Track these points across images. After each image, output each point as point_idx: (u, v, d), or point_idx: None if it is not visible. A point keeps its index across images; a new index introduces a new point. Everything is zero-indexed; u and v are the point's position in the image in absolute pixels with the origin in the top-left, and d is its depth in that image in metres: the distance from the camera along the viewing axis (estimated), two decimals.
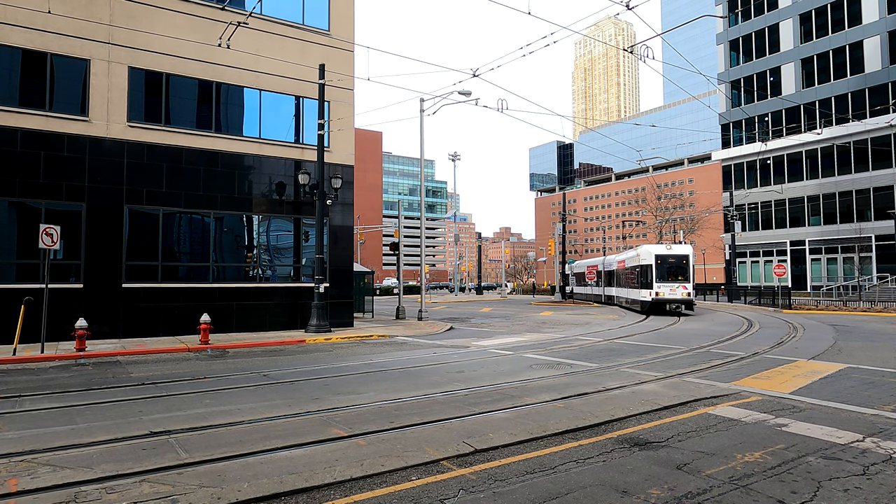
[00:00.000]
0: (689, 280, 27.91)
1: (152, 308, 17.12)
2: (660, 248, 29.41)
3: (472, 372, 11.31)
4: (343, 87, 20.70)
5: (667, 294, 27.74)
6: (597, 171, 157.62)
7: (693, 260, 28.60)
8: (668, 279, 28.00)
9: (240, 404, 8.35)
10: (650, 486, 5.03)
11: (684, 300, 27.83)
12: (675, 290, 27.65)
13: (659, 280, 27.99)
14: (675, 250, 28.80)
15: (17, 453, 5.92)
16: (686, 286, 27.79)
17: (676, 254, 28.59)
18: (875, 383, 9.94)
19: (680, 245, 29.83)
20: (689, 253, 28.58)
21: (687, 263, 28.18)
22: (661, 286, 27.84)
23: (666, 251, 28.94)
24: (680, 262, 28.27)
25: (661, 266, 28.25)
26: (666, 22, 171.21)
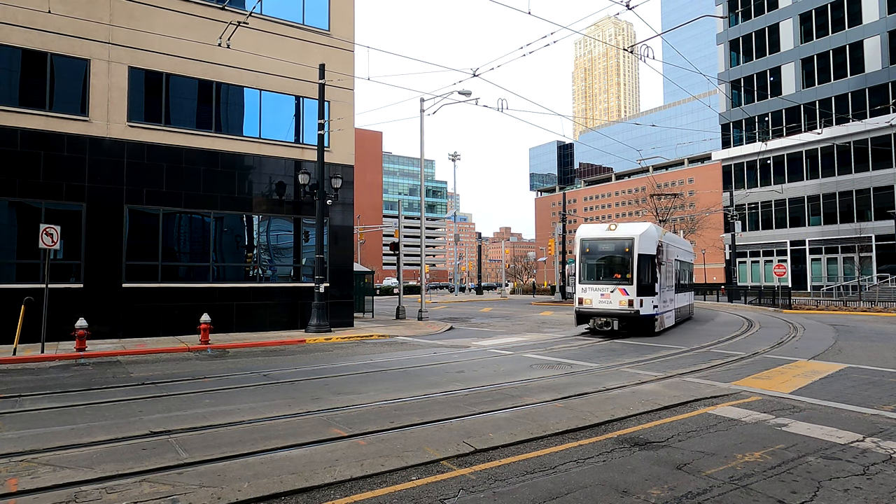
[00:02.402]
0: (633, 280, 17.16)
1: (152, 308, 17.11)
2: (592, 229, 19.07)
3: (473, 372, 11.31)
4: (343, 87, 20.70)
5: (595, 302, 17.65)
6: (597, 171, 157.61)
7: (656, 246, 18.00)
8: (598, 278, 18.02)
9: (240, 404, 8.35)
10: (650, 486, 5.03)
11: (622, 313, 17.19)
12: (607, 298, 17.42)
13: (585, 279, 18.16)
14: (614, 232, 18.00)
15: (17, 453, 5.92)
16: (627, 290, 17.17)
17: (615, 237, 17.84)
18: (875, 383, 9.94)
19: (629, 224, 18.28)
20: (634, 235, 17.44)
21: (631, 252, 17.32)
22: (588, 289, 17.87)
23: (598, 233, 18.46)
24: (619, 251, 17.69)
25: (590, 256, 18.26)
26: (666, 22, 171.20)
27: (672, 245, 21.18)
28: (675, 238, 23.42)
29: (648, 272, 17.62)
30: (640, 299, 17.23)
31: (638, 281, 17.24)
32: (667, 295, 19.57)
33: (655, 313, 17.84)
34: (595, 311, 17.82)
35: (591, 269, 18.30)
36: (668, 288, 19.81)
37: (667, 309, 19.56)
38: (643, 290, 17.36)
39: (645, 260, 17.50)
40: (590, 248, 18.41)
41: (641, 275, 17.36)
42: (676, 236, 25.01)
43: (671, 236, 22.11)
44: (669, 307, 20.10)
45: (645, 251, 17.51)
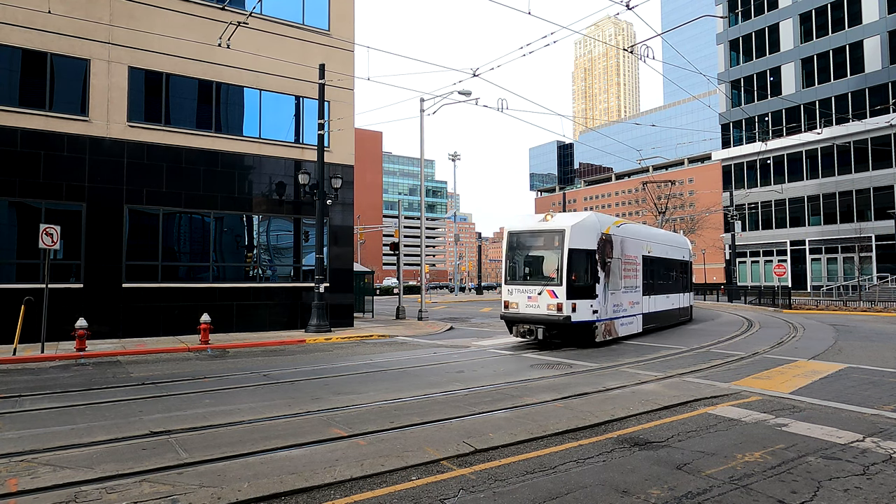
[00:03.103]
0: (561, 280, 14.40)
1: (152, 308, 17.11)
2: (523, 220, 16.26)
3: (472, 372, 11.31)
4: (343, 87, 20.70)
5: (522, 306, 15.02)
6: (597, 170, 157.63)
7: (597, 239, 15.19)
8: (525, 278, 15.44)
9: (240, 404, 8.35)
10: (650, 486, 5.03)
11: (549, 319, 14.49)
12: (534, 301, 14.77)
13: (511, 278, 15.59)
14: (546, 223, 15.27)
15: (17, 453, 5.92)
16: (556, 292, 14.40)
17: (544, 230, 15.17)
18: (875, 383, 9.94)
19: (566, 215, 15.57)
20: (565, 227, 14.68)
21: (561, 246, 14.53)
22: (514, 291, 15.30)
23: (528, 225, 15.78)
24: (548, 246, 15.01)
25: (517, 252, 15.72)
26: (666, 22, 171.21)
27: (636, 239, 18.08)
28: (649, 231, 20.37)
29: (585, 270, 14.80)
30: (572, 303, 14.30)
31: (568, 281, 14.34)
32: (622, 297, 16.61)
33: (595, 320, 14.91)
34: (521, 317, 15.00)
35: (517, 267, 15.66)
36: (627, 289, 16.94)
37: (621, 315, 16.47)
38: (576, 291, 14.49)
39: (579, 256, 14.67)
40: (517, 243, 15.72)
41: (573, 274, 14.50)
42: (654, 229, 21.76)
43: (636, 228, 18.94)
44: (628, 312, 16.99)
45: (579, 245, 14.69)
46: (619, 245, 16.57)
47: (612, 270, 15.97)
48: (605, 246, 15.60)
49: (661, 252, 20.46)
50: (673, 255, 22.00)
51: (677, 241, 23.49)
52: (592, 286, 14.92)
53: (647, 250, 18.80)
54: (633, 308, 17.44)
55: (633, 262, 17.59)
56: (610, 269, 15.86)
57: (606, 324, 15.61)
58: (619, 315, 16.40)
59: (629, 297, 17.20)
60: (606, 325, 15.61)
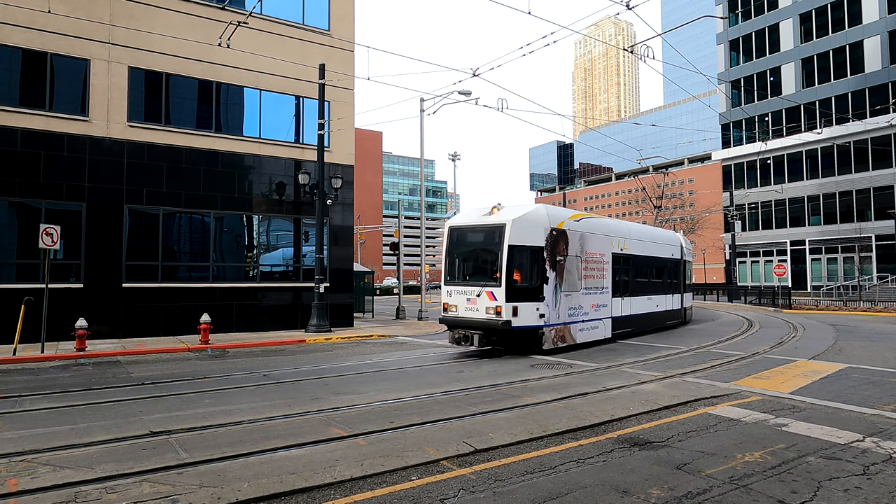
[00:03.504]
0: (500, 281, 12.90)
1: (152, 308, 17.11)
2: (467, 214, 14.82)
3: (472, 372, 11.31)
4: (343, 87, 20.70)
5: (461, 309, 13.52)
6: (597, 170, 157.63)
7: (545, 235, 13.63)
8: (464, 278, 14.01)
9: (240, 404, 8.35)
10: (650, 486, 5.03)
11: (487, 324, 13.00)
12: (473, 303, 13.28)
13: (450, 278, 14.13)
14: (489, 217, 13.71)
15: (17, 453, 5.92)
16: (495, 294, 12.96)
17: (485, 224, 13.66)
18: (875, 383, 9.94)
19: (513, 207, 13.99)
20: (506, 221, 13.17)
21: (501, 241, 13.03)
22: (453, 291, 13.81)
23: (470, 220, 14.28)
24: (489, 243, 13.49)
25: (457, 249, 14.24)
26: (666, 22, 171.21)
27: (602, 235, 16.24)
28: (623, 227, 18.26)
29: (530, 270, 13.29)
30: (513, 306, 12.84)
31: (509, 281, 12.85)
32: (583, 300, 15.02)
33: (543, 325, 13.42)
34: (459, 321, 13.46)
35: (457, 267, 14.17)
36: (589, 290, 15.35)
37: (579, 319, 14.85)
38: (518, 293, 13.01)
39: (522, 253, 13.18)
40: (457, 240, 14.20)
41: (515, 273, 13.03)
42: (632, 224, 19.70)
43: (603, 223, 16.96)
44: (590, 316, 15.39)
45: (522, 241, 13.14)
46: (578, 241, 14.96)
47: (566, 270, 14.34)
48: (556, 242, 14.01)
49: (641, 250, 18.68)
50: (659, 252, 20.15)
51: (665, 237, 21.50)
52: (539, 287, 13.42)
53: (619, 247, 17.12)
54: (597, 311, 15.77)
55: (599, 260, 15.94)
56: (564, 269, 14.26)
57: (558, 329, 14.03)
58: (576, 319, 14.75)
59: (592, 300, 15.54)
60: (558, 330, 14.04)
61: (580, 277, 15.03)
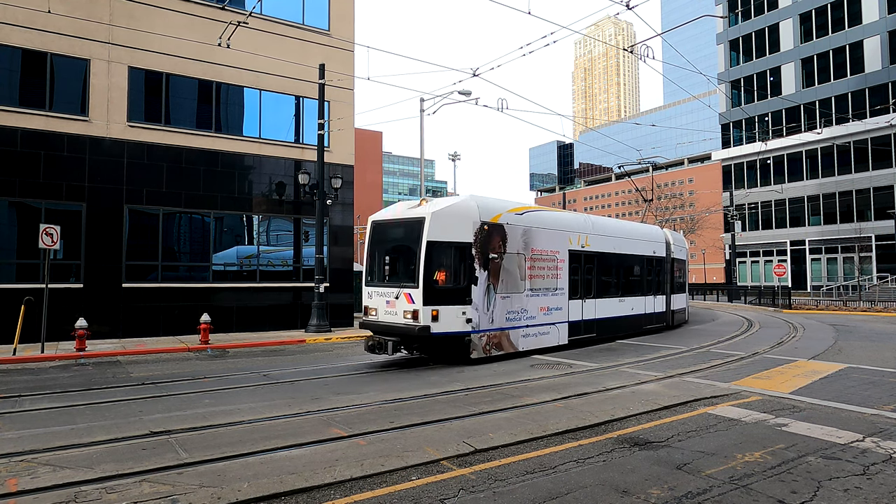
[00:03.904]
0: (418, 281, 11.58)
1: (152, 308, 17.11)
2: (393, 208, 13.34)
3: (472, 372, 11.31)
4: (343, 87, 20.70)
5: (381, 312, 12.39)
6: (597, 170, 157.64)
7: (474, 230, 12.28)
8: (384, 278, 12.91)
9: (240, 404, 8.35)
10: (650, 486, 5.03)
11: (404, 330, 11.76)
12: (392, 307, 12.07)
13: (370, 279, 13.12)
14: (412, 210, 12.46)
15: (17, 453, 5.92)
16: (412, 296, 11.68)
17: (405, 218, 12.46)
18: (875, 383, 9.94)
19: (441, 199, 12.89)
20: (426, 214, 11.90)
21: (419, 238, 11.70)
22: (373, 293, 12.73)
23: (394, 213, 12.99)
24: (408, 239, 12.25)
25: (378, 246, 13.17)
26: (666, 22, 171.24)
27: (555, 230, 14.79)
28: (587, 221, 16.56)
29: (455, 269, 12.01)
30: (433, 310, 11.52)
31: (427, 282, 11.50)
32: (528, 302, 13.63)
33: (470, 331, 12.06)
34: (379, 325, 12.29)
35: (377, 266, 13.03)
36: (537, 292, 13.94)
37: (523, 324, 13.45)
38: (440, 295, 11.71)
39: (444, 250, 11.91)
40: (378, 235, 13.06)
41: (436, 273, 11.79)
42: (600, 218, 17.82)
43: (556, 216, 15.44)
44: (538, 321, 13.96)
45: (444, 237, 11.82)
46: (521, 237, 13.55)
47: (504, 269, 12.97)
48: (489, 238, 12.58)
49: (612, 246, 17.11)
50: (635, 250, 18.44)
51: (644, 233, 19.58)
52: (465, 289, 12.05)
53: (578, 244, 15.57)
54: (548, 315, 14.33)
55: (550, 258, 14.48)
56: (500, 268, 12.86)
57: (492, 336, 12.65)
58: (518, 324, 13.35)
59: (541, 302, 14.10)
60: (491, 336, 12.64)
61: (524, 277, 13.61)
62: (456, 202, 12.43)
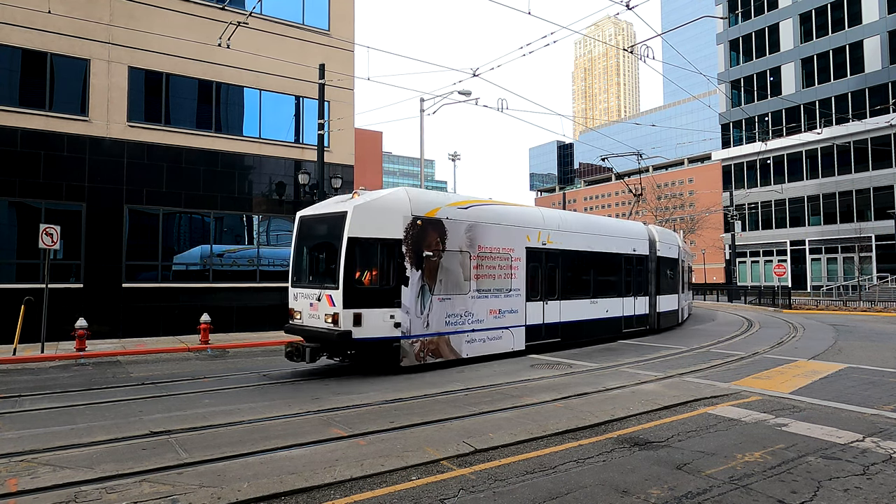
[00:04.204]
0: (338, 283, 10.60)
1: (152, 308, 17.11)
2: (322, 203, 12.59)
3: (472, 372, 11.31)
4: (343, 87, 20.70)
5: (305, 315, 11.34)
6: (597, 170, 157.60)
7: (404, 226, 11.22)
8: (308, 278, 11.81)
9: (240, 404, 8.35)
10: (650, 486, 5.03)
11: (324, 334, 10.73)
12: (315, 309, 11.07)
13: (297, 279, 11.98)
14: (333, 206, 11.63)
15: (17, 453, 5.92)
16: (333, 298, 10.68)
17: (327, 213, 11.62)
18: (875, 383, 9.94)
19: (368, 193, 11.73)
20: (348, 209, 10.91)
21: (341, 234, 10.71)
22: (298, 295, 11.68)
23: (319, 208, 12.16)
24: (330, 236, 11.29)
25: (303, 244, 12.07)
26: (666, 22, 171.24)
27: (509, 225, 13.66)
28: (552, 215, 15.41)
29: (382, 268, 11.02)
30: (355, 313, 10.52)
31: (348, 282, 10.52)
32: (475, 305, 12.52)
33: (400, 336, 11.02)
34: (302, 330, 11.23)
35: (302, 265, 11.99)
36: (486, 293, 12.80)
37: (467, 328, 12.32)
38: (364, 297, 10.75)
39: (369, 248, 10.94)
40: (304, 232, 11.99)
41: (359, 272, 10.80)
42: (565, 213, 16.60)
43: (511, 211, 14.04)
44: (488, 325, 12.82)
45: (368, 233, 10.82)
46: (465, 233, 12.38)
47: (444, 268, 11.83)
48: (423, 234, 11.45)
49: (582, 244, 15.89)
50: (612, 247, 17.17)
51: (624, 230, 18.27)
52: (394, 290, 11.01)
53: (539, 241, 14.36)
54: (500, 318, 13.15)
55: (503, 256, 13.31)
56: (439, 267, 11.73)
57: (427, 341, 11.49)
58: (461, 328, 12.19)
59: (491, 304, 12.93)
60: (427, 342, 11.50)
61: (469, 277, 12.45)
62: (383, 195, 11.51)
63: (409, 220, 11.29)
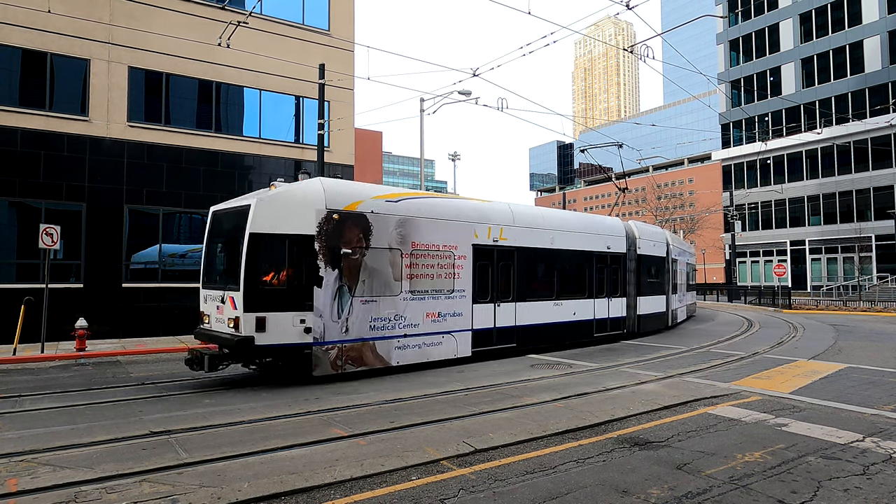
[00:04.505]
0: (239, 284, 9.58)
1: (152, 308, 17.11)
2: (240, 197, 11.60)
3: (472, 372, 11.31)
4: (343, 87, 20.70)
5: (213, 319, 10.59)
6: (597, 170, 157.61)
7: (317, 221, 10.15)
8: (214, 278, 11.04)
9: (240, 404, 8.35)
10: (650, 486, 5.03)
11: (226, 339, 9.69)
12: (221, 312, 10.17)
13: (207, 280, 11.22)
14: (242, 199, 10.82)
15: (17, 453, 5.92)
16: (235, 300, 9.71)
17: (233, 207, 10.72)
18: (875, 383, 9.95)
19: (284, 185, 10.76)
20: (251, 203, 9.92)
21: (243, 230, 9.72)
22: (207, 296, 10.89)
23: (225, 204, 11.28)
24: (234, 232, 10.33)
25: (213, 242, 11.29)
26: (666, 22, 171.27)
27: (451, 220, 12.45)
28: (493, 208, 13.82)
29: (291, 267, 10.09)
30: (258, 316, 9.55)
31: (250, 283, 9.60)
32: (408, 308, 11.39)
33: (313, 342, 9.96)
34: (210, 334, 10.34)
35: (212, 264, 11.15)
36: (421, 294, 11.66)
37: (398, 333, 11.20)
38: (269, 299, 9.77)
39: (274, 245, 10.02)
40: (214, 228, 11.15)
41: (262, 272, 9.85)
42: (517, 205, 14.94)
43: (450, 204, 12.83)
44: (424, 329, 11.67)
45: (274, 229, 9.90)
46: (395, 228, 11.27)
47: (367, 267, 10.75)
48: (340, 229, 10.39)
49: (541, 240, 14.60)
50: (581, 245, 15.88)
51: (597, 226, 16.87)
52: (306, 291, 9.98)
53: (489, 237, 13.15)
54: (440, 323, 11.99)
55: (444, 254, 12.16)
56: (361, 266, 10.65)
57: (347, 347, 10.41)
58: (391, 334, 11.08)
59: (428, 307, 11.79)
60: (347, 349, 10.41)
61: (400, 277, 11.32)
62: (295, 186, 10.57)
63: (322, 213, 10.23)
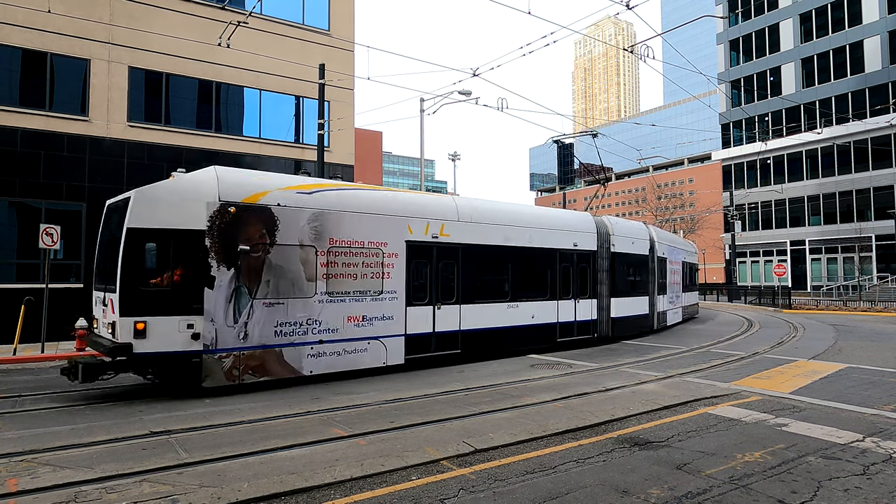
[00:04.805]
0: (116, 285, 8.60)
1: None
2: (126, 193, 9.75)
3: (472, 372, 11.31)
4: (343, 87, 20.70)
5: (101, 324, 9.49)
6: (597, 171, 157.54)
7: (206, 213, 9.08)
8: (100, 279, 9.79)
9: (240, 404, 8.35)
10: (650, 486, 5.03)
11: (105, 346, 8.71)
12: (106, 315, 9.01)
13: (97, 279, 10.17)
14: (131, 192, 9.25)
15: (17, 453, 5.92)
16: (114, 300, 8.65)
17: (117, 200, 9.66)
18: (875, 383, 9.95)
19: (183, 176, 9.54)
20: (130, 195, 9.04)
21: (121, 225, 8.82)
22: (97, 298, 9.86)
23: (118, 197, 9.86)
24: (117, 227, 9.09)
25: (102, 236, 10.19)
26: (666, 22, 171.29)
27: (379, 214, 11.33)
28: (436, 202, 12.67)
29: (178, 266, 9.02)
30: (137, 321, 8.59)
31: (127, 283, 8.66)
32: (323, 311, 10.29)
33: (202, 350, 8.96)
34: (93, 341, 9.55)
35: (99, 262, 10.12)
36: (340, 296, 10.54)
37: (310, 339, 10.10)
38: (150, 301, 8.76)
39: (155, 241, 8.99)
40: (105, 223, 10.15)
41: (142, 271, 8.90)
42: (465, 198, 13.90)
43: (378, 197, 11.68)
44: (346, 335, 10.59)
45: (153, 223, 8.89)
46: (308, 223, 10.24)
47: (273, 266, 9.74)
48: (238, 224, 9.41)
49: (492, 237, 13.40)
50: (542, 242, 14.64)
51: (562, 221, 15.64)
52: (195, 292, 8.99)
53: (429, 233, 12.08)
54: (365, 327, 10.91)
55: (370, 251, 11.06)
56: (265, 264, 9.65)
57: (245, 356, 9.36)
58: (302, 340, 10.03)
59: (350, 310, 10.71)
60: (245, 357, 9.37)
61: (315, 277, 10.24)
62: (184, 176, 9.55)
63: (215, 206, 9.18)
